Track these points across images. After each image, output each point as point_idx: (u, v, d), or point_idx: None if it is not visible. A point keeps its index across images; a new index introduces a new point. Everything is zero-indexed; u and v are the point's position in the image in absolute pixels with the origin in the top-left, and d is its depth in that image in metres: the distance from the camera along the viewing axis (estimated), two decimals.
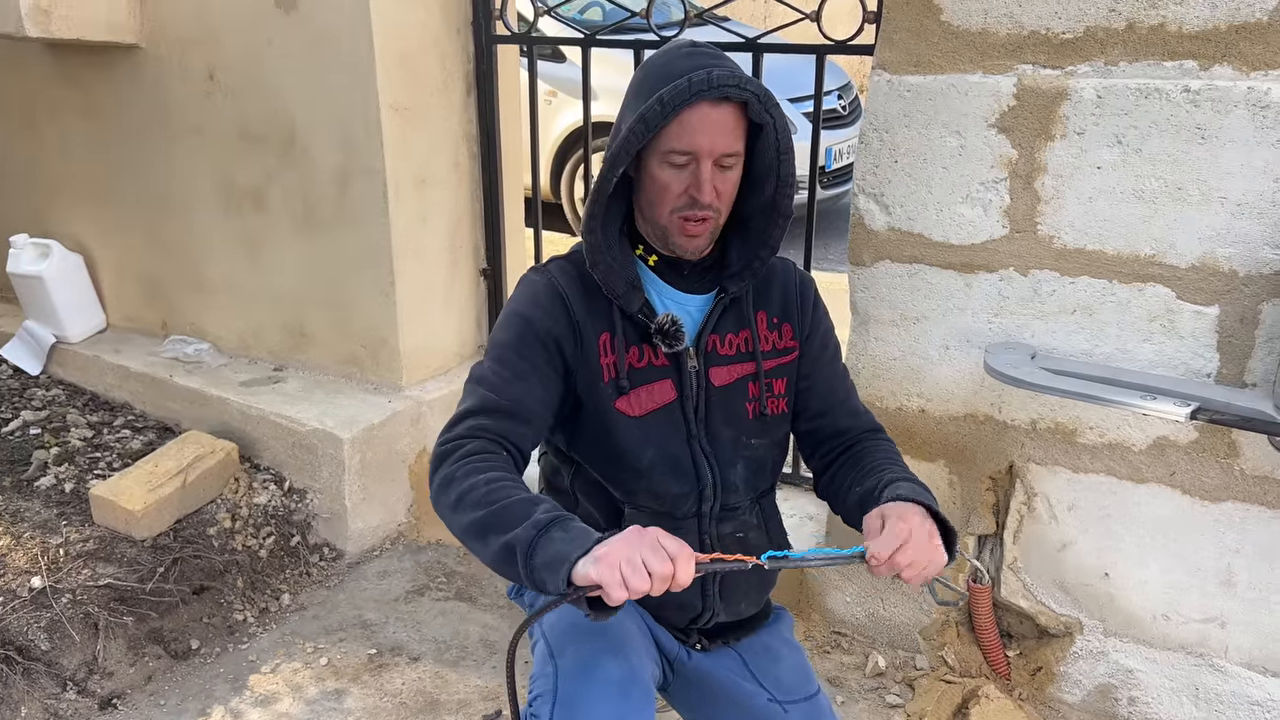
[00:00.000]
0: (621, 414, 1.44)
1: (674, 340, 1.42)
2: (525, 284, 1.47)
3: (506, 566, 1.22)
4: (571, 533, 1.20)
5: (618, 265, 1.41)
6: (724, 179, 1.36)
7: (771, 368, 1.51)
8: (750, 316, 1.50)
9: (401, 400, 2.88)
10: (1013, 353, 2.00)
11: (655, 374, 1.45)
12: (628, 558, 1.12)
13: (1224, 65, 1.76)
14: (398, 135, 2.69)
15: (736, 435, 1.50)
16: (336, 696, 2.28)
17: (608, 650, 1.33)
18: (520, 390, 1.38)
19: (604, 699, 1.27)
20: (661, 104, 1.29)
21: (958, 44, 1.96)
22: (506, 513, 1.23)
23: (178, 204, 3.12)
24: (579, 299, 1.43)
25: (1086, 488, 2.07)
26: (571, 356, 1.42)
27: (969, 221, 2.03)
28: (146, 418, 3.13)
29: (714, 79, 1.28)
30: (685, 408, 1.46)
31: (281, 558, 2.70)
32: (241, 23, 2.76)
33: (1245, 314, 1.84)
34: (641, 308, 1.42)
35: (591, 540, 1.17)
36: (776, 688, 1.52)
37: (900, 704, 2.24)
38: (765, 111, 1.34)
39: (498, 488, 1.27)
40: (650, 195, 1.38)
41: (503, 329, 1.44)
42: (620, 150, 1.33)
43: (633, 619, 1.46)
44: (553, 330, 1.41)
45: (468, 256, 3.04)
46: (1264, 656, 2.00)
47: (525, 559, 1.19)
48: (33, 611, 2.27)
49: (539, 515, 1.22)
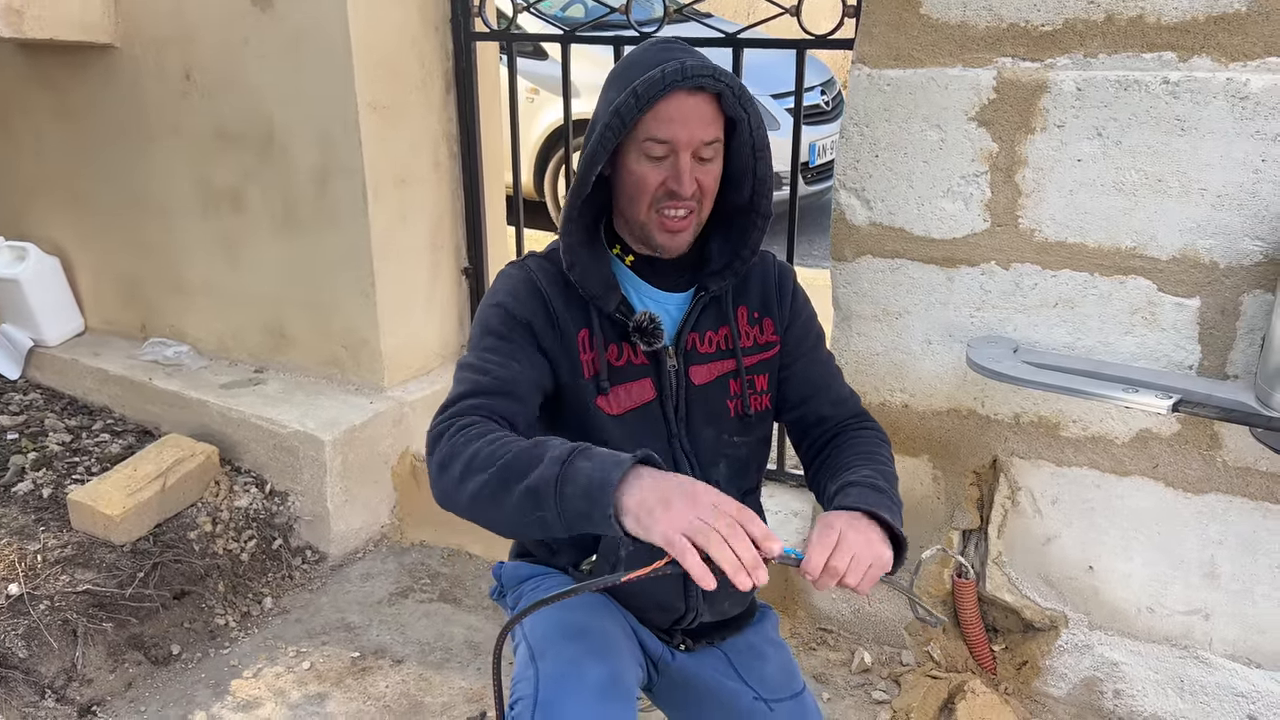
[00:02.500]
0: (601, 411, 1.42)
1: (652, 338, 1.40)
2: (503, 277, 1.46)
3: (534, 513, 1.13)
4: (597, 457, 1.12)
5: (593, 265, 1.39)
6: (704, 171, 1.34)
7: (753, 364, 1.50)
8: (730, 313, 1.48)
9: (383, 401, 2.86)
10: (995, 347, 2.00)
11: (634, 373, 1.44)
12: (694, 527, 1.04)
13: (1203, 56, 1.76)
14: (376, 134, 2.67)
15: (718, 434, 1.49)
16: (319, 700, 2.26)
17: (589, 653, 1.32)
18: (511, 372, 1.34)
19: (584, 703, 1.26)
20: (636, 96, 1.27)
21: (937, 37, 1.95)
22: (518, 461, 1.15)
23: (155, 205, 3.09)
24: (557, 295, 1.42)
25: (1070, 481, 2.07)
26: (551, 346, 1.40)
27: (950, 215, 2.02)
28: (126, 421, 3.10)
29: (688, 69, 1.27)
30: (665, 407, 1.45)
31: (263, 561, 2.68)
32: (217, 22, 2.73)
33: (1226, 305, 1.84)
34: (619, 306, 1.41)
35: (624, 460, 1.10)
36: (762, 686, 1.51)
37: (886, 700, 2.23)
38: (740, 106, 1.32)
39: (500, 445, 1.19)
40: (629, 192, 1.36)
41: (484, 318, 1.41)
42: (597, 146, 1.31)
43: (615, 620, 1.45)
44: (531, 319, 1.40)
45: (449, 256, 3.02)
46: (1248, 648, 2.01)
47: (556, 496, 1.10)
48: (10, 619, 2.25)
49: (556, 451, 1.14)
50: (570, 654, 1.31)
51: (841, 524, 1.19)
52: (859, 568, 1.16)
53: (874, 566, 1.18)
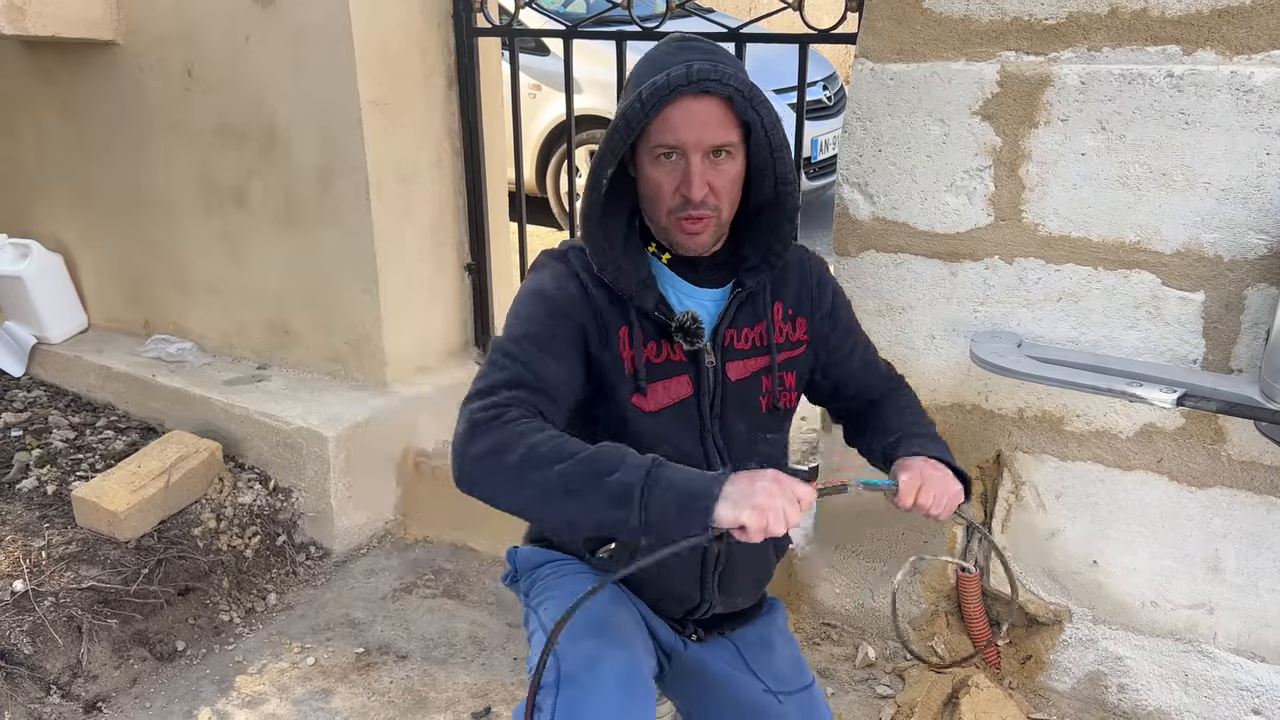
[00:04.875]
0: (636, 409, 1.42)
1: (695, 337, 1.40)
2: (545, 267, 1.43)
3: (608, 512, 1.18)
4: (681, 470, 1.19)
5: (627, 264, 1.38)
6: (718, 173, 1.32)
7: (784, 360, 1.51)
8: (766, 309, 1.48)
9: (386, 397, 2.86)
10: (999, 341, 1.99)
11: (673, 369, 1.43)
12: (775, 508, 1.17)
13: (1207, 49, 1.76)
14: (379, 131, 2.67)
15: (749, 429, 1.49)
16: (324, 696, 2.26)
17: (611, 643, 1.33)
18: (549, 370, 1.33)
19: (607, 693, 1.26)
20: (641, 102, 1.27)
21: (940, 31, 1.95)
22: (597, 460, 1.19)
23: (158, 202, 3.09)
24: (598, 290, 1.40)
25: (1074, 476, 2.06)
26: (595, 343, 1.39)
27: (954, 210, 2.02)
28: (129, 418, 3.10)
29: (693, 73, 1.25)
30: (701, 403, 1.45)
31: (267, 557, 2.68)
32: (219, 19, 2.73)
33: (1230, 299, 1.84)
34: (658, 304, 1.40)
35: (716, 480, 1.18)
36: (772, 679, 1.52)
37: (890, 694, 2.23)
38: (750, 108, 1.30)
39: (565, 441, 1.22)
40: (648, 194, 1.36)
41: (528, 303, 1.38)
42: (605, 150, 1.31)
43: (629, 611, 1.46)
44: (578, 315, 1.38)
45: (452, 252, 3.01)
46: (1253, 642, 2.00)
47: (642, 500, 1.16)
48: (15, 615, 2.25)
49: (634, 460, 1.20)
50: (592, 645, 1.32)
51: (920, 465, 1.39)
52: (942, 499, 1.37)
53: (951, 498, 1.39)
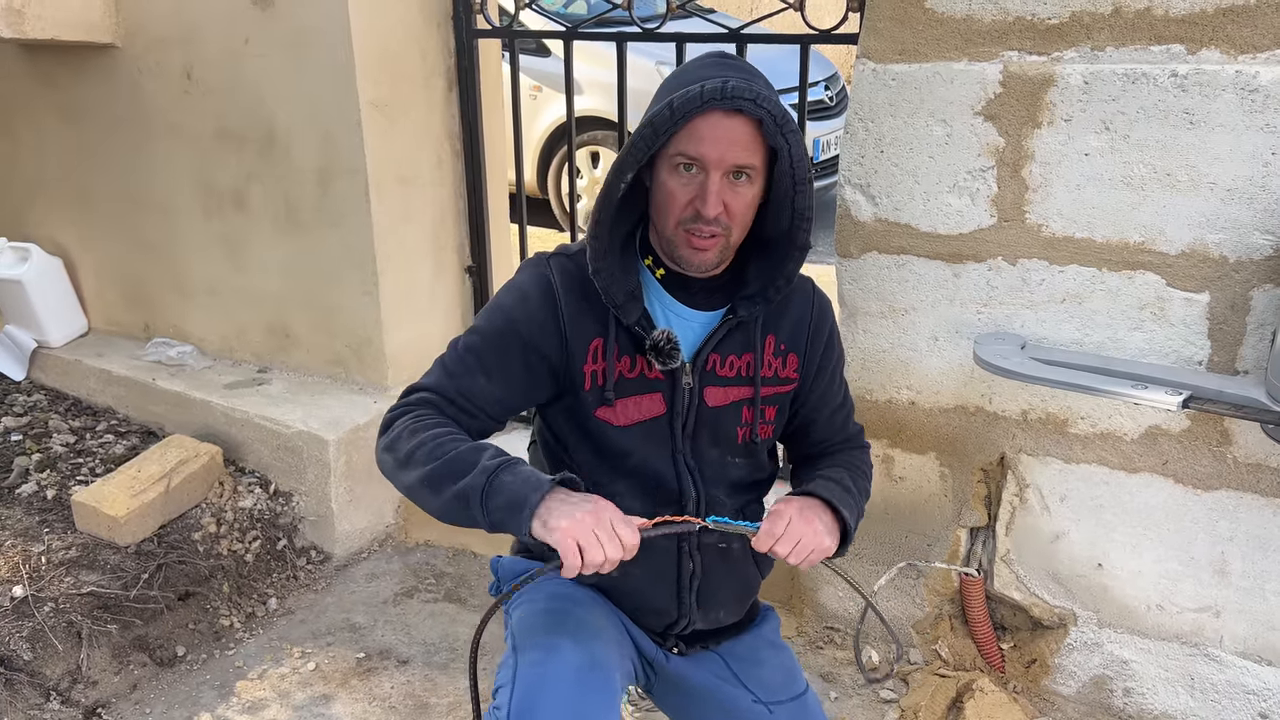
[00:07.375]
0: (605, 422, 1.41)
1: (668, 358, 1.37)
2: (523, 272, 1.43)
3: (462, 513, 1.27)
4: (520, 475, 1.25)
5: (620, 274, 1.36)
6: (735, 195, 1.30)
7: (768, 394, 1.48)
8: (757, 340, 1.45)
9: (387, 400, 2.85)
10: (1002, 343, 1.98)
11: (646, 386, 1.41)
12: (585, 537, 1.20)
13: (1211, 49, 1.74)
14: (379, 132, 2.66)
15: (723, 455, 1.48)
16: (324, 702, 2.25)
17: (567, 637, 1.34)
18: (476, 386, 1.39)
19: (561, 684, 1.27)
20: (671, 109, 1.24)
21: (943, 31, 1.94)
22: (454, 465, 1.28)
23: (158, 205, 3.08)
24: (574, 301, 1.39)
25: (1079, 478, 2.05)
26: (551, 356, 1.39)
27: (956, 211, 2.01)
28: (129, 422, 3.09)
29: (729, 89, 1.23)
30: (674, 423, 1.43)
31: (268, 562, 2.67)
32: (218, 21, 2.72)
33: (1236, 300, 1.82)
34: (639, 320, 1.38)
35: (544, 483, 1.24)
36: (761, 689, 1.50)
37: (894, 699, 2.22)
38: (780, 134, 1.26)
39: (444, 441, 1.31)
40: (659, 203, 1.34)
41: (487, 316, 1.42)
42: (627, 155, 1.29)
43: (606, 615, 1.45)
44: (534, 337, 1.38)
45: (452, 254, 3.00)
46: (1259, 645, 1.99)
47: (482, 504, 1.25)
48: (14, 621, 2.24)
49: (486, 461, 1.27)
50: (549, 640, 1.34)
51: (792, 511, 1.34)
52: (803, 551, 1.32)
53: (815, 552, 1.34)
